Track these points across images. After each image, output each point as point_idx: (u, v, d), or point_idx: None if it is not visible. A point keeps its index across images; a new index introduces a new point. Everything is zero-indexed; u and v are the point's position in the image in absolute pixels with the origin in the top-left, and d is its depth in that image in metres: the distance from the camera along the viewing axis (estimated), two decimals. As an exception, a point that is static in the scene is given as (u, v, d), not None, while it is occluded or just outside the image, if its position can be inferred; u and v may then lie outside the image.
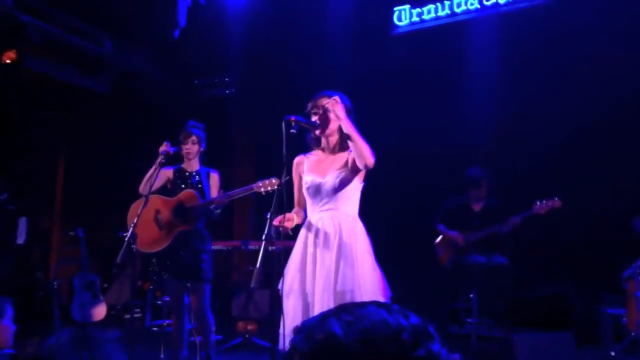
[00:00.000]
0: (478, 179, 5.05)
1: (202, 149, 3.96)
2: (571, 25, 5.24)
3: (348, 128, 2.65)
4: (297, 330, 0.89)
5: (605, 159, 5.07)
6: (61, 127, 6.90)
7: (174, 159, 3.91)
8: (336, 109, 2.67)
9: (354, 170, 2.74)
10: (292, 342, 0.88)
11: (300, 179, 2.88)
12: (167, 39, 5.92)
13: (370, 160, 2.64)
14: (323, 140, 2.86)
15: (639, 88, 4.91)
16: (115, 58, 6.28)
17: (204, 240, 3.83)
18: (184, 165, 3.95)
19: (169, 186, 3.92)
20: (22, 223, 6.36)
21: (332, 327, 0.83)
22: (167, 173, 3.90)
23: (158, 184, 3.82)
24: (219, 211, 3.85)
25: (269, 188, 3.47)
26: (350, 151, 2.75)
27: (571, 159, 5.19)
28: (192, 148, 3.89)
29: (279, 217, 2.60)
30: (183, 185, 3.85)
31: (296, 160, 2.94)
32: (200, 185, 3.87)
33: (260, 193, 3.52)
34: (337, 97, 2.71)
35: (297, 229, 2.84)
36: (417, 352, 0.82)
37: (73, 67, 6.15)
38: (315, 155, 2.90)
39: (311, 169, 2.85)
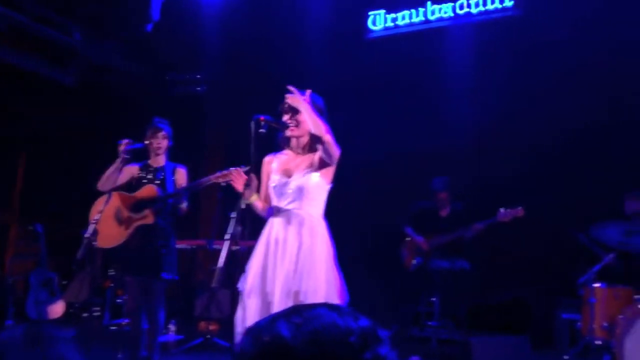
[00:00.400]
0: (437, 191, 5.17)
1: (169, 145, 3.91)
2: (542, 36, 5.41)
3: (309, 114, 2.66)
4: (246, 332, 0.88)
5: (567, 169, 5.23)
6: (24, 118, 6.69)
7: (141, 155, 3.85)
8: (294, 100, 2.67)
9: (321, 169, 2.75)
10: (240, 343, 0.87)
11: (269, 177, 2.88)
12: (139, 33, 5.83)
13: (334, 150, 2.65)
14: (293, 140, 2.86)
15: (608, 100, 5.10)
16: (85, 50, 6.13)
17: (165, 238, 3.74)
18: (150, 161, 3.89)
19: (134, 183, 3.84)
20: None
21: (280, 330, 0.83)
22: (132, 169, 3.83)
23: (122, 180, 3.77)
24: (184, 206, 3.77)
25: (228, 179, 3.44)
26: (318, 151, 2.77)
27: (535, 168, 5.33)
28: (162, 143, 3.84)
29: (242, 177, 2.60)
30: (146, 181, 3.79)
31: (266, 159, 2.94)
32: (162, 180, 3.79)
33: (219, 184, 3.49)
34: (294, 90, 2.70)
35: (260, 227, 2.83)
36: (364, 355, 0.82)
37: (40, 57, 5.98)
38: (286, 154, 2.90)
39: (279, 169, 2.84)
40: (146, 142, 3.80)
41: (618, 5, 5.15)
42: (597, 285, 3.98)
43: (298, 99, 2.67)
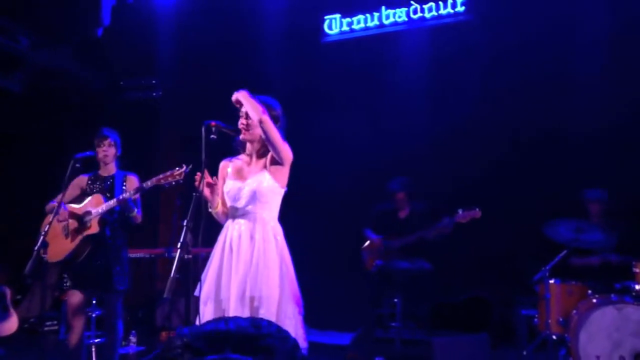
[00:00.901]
0: (393, 192, 5.22)
1: (118, 153, 3.81)
2: (493, 40, 5.54)
3: (247, 102, 2.67)
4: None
5: (523, 170, 5.36)
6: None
7: (91, 166, 3.74)
8: (239, 96, 2.69)
9: (273, 170, 2.73)
10: None
11: (224, 182, 2.83)
12: (90, 37, 5.68)
13: (283, 150, 2.67)
14: (248, 145, 2.83)
15: (559, 101, 5.25)
16: (33, 55, 5.92)
17: (116, 249, 3.65)
18: (100, 171, 3.78)
19: (85, 193, 3.71)
20: None
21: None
22: (82, 181, 3.73)
23: (73, 193, 3.69)
24: (135, 214, 3.67)
25: (170, 180, 3.38)
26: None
27: (492, 169, 5.44)
28: (108, 151, 3.74)
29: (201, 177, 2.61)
30: (95, 191, 3.69)
31: (221, 164, 2.90)
32: (111, 189, 3.70)
33: (162, 186, 3.43)
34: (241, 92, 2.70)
35: (218, 233, 2.79)
36: None
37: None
38: (240, 159, 2.87)
39: (233, 174, 2.81)
40: (95, 150, 3.69)
41: (565, 8, 5.31)
42: (551, 281, 4.08)
43: (239, 93, 2.67)
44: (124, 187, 3.71)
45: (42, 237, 3.29)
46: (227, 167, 2.87)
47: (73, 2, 5.61)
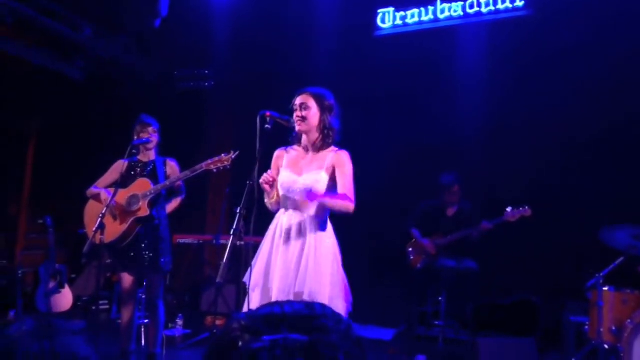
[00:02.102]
0: (450, 184, 5.12)
1: (159, 140, 3.92)
2: (552, 37, 5.35)
3: (325, 203, 2.67)
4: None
5: (578, 171, 5.17)
6: (32, 112, 6.73)
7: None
8: (311, 197, 2.66)
9: (330, 175, 2.75)
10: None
11: (278, 172, 2.86)
12: (147, 28, 5.84)
13: (350, 209, 2.69)
14: (303, 137, 2.85)
15: (620, 103, 5.03)
16: (92, 44, 6.15)
17: (160, 230, 3.76)
18: (139, 157, 3.89)
19: (124, 178, 3.81)
20: None
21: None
22: (121, 166, 3.83)
23: (113, 178, 3.82)
24: (179, 197, 3.77)
25: (219, 165, 3.46)
26: (332, 152, 2.77)
27: (545, 168, 5.28)
28: (153, 137, 3.85)
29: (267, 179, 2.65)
30: (137, 176, 3.79)
31: (276, 153, 2.93)
32: (153, 173, 3.80)
33: (211, 171, 3.50)
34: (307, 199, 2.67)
35: (268, 222, 2.83)
36: None
37: (47, 50, 6.01)
38: (296, 150, 2.88)
39: (289, 165, 2.83)
40: (146, 137, 3.81)
41: (632, 9, 5.06)
42: (605, 288, 3.93)
43: (315, 197, 2.65)
44: (165, 171, 3.83)
45: (99, 220, 3.44)
46: (282, 156, 2.89)
47: (133, -6, 5.79)
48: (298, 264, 2.62)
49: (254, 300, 2.68)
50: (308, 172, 2.75)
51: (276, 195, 2.85)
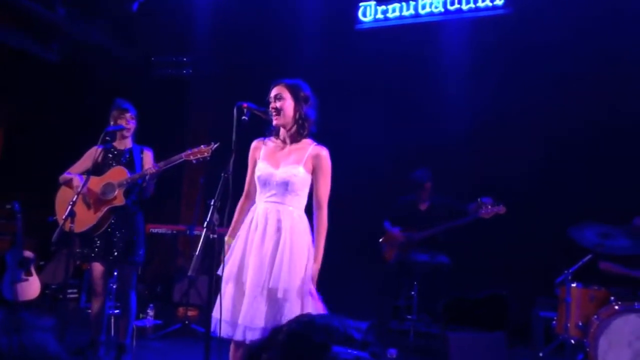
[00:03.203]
0: (421, 182, 5.17)
1: (136, 127, 3.84)
2: (532, 35, 5.42)
3: (317, 269, 2.69)
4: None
5: (552, 169, 5.26)
6: (3, 94, 6.54)
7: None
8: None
9: (307, 170, 2.73)
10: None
11: (255, 164, 2.83)
12: (125, 12, 5.71)
13: (325, 220, 2.74)
14: (281, 130, 2.82)
15: (598, 101, 5.12)
16: (68, 26, 5.99)
17: (134, 220, 3.69)
18: (115, 144, 3.79)
19: (98, 165, 3.69)
20: None
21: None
22: (95, 152, 3.70)
23: (86, 165, 3.71)
24: (151, 187, 3.71)
25: (199, 156, 3.42)
26: (311, 145, 2.75)
27: (518, 165, 5.36)
28: (130, 124, 3.77)
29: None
30: (112, 163, 3.70)
31: (253, 144, 2.89)
32: (129, 162, 3.72)
33: (190, 161, 3.46)
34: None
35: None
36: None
37: (21, 31, 5.83)
38: (273, 142, 2.84)
39: (265, 157, 2.80)
40: (123, 123, 3.72)
41: (610, 7, 5.15)
42: (573, 285, 4.02)
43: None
44: (142, 160, 3.75)
45: (69, 207, 3.35)
46: (259, 148, 2.85)
47: (111, -24, 5.65)
48: (272, 258, 2.60)
49: (227, 293, 2.66)
50: (285, 165, 2.73)
51: (247, 190, 2.87)
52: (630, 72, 4.96)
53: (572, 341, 3.99)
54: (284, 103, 2.73)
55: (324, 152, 2.75)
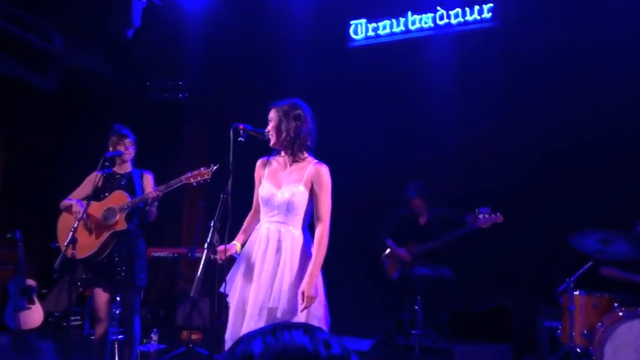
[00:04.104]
0: (410, 197, 5.20)
1: (135, 152, 3.87)
2: (520, 47, 5.49)
3: (315, 281, 2.64)
4: (231, 346, 0.90)
5: (549, 177, 5.29)
6: (2, 122, 6.58)
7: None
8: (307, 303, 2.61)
9: (307, 188, 2.76)
10: (219, 358, 0.90)
11: (260, 182, 2.87)
12: (120, 39, 5.78)
13: (326, 238, 2.72)
14: (281, 150, 2.86)
15: (588, 111, 5.17)
16: (65, 55, 6.06)
17: (136, 244, 3.70)
18: (115, 168, 3.82)
19: (98, 190, 3.71)
20: None
21: (253, 349, 0.85)
22: (95, 178, 3.72)
23: (87, 191, 3.73)
24: (154, 210, 3.72)
25: (199, 178, 3.43)
26: (311, 164, 2.78)
27: (516, 175, 5.39)
28: (130, 149, 3.80)
29: (220, 250, 2.61)
30: (113, 188, 3.72)
31: (258, 163, 2.93)
32: (129, 186, 3.74)
33: (190, 184, 3.48)
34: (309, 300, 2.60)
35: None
36: None
37: (18, 61, 5.89)
38: (277, 162, 2.88)
39: (269, 177, 2.84)
40: (122, 148, 3.75)
41: (596, 18, 5.24)
42: (576, 292, 4.02)
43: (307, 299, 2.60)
44: (142, 185, 3.77)
45: (71, 233, 3.37)
46: (263, 167, 2.89)
47: (105, 4, 5.73)
48: (272, 279, 2.62)
49: (231, 313, 2.68)
50: (286, 185, 2.76)
51: (253, 210, 2.88)
52: (624, 80, 5.01)
53: (578, 350, 3.97)
54: (273, 124, 2.78)
55: (324, 169, 2.78)
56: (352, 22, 6.22)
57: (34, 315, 5.43)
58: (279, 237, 2.68)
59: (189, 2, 6.05)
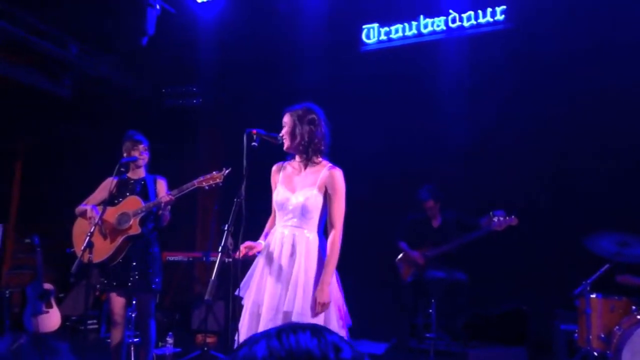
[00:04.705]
0: (422, 200, 5.19)
1: (149, 158, 3.92)
2: (534, 48, 5.46)
3: (329, 286, 2.65)
4: (235, 349, 0.88)
5: (564, 180, 5.25)
6: (20, 130, 6.71)
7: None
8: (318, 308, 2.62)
9: (321, 192, 2.77)
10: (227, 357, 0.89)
11: (276, 187, 2.90)
12: (134, 46, 5.85)
13: (338, 243, 2.73)
14: (296, 154, 2.88)
15: (602, 112, 5.12)
16: (80, 63, 6.16)
17: (151, 249, 3.74)
18: (129, 174, 3.88)
19: (113, 196, 3.77)
20: None
21: (256, 352, 0.82)
22: (110, 183, 3.79)
23: (102, 196, 3.80)
24: (167, 214, 3.77)
25: (211, 182, 3.46)
26: (326, 168, 2.79)
27: (531, 177, 5.35)
28: (144, 155, 3.85)
29: (246, 246, 2.62)
30: (127, 194, 3.78)
31: (273, 168, 2.96)
32: (143, 191, 3.79)
33: (203, 188, 3.50)
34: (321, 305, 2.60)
35: (256, 239, 2.84)
36: None
37: (36, 70, 6.01)
38: (292, 166, 2.90)
39: (283, 181, 2.86)
40: (137, 154, 3.80)
41: (612, 18, 5.19)
42: (593, 296, 3.98)
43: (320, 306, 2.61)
44: (156, 190, 3.82)
45: (87, 238, 3.43)
46: (278, 172, 2.91)
47: (120, 13, 5.81)
48: (287, 282, 2.63)
49: (245, 316, 2.70)
50: (301, 189, 2.78)
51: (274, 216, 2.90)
52: (630, 82, 4.96)
53: (595, 353, 3.93)
54: (287, 129, 2.80)
55: (338, 173, 2.79)
56: (364, 26, 6.23)
57: (52, 319, 5.51)
58: (293, 241, 2.70)
59: (202, 10, 6.11)
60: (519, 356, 4.00)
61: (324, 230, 2.82)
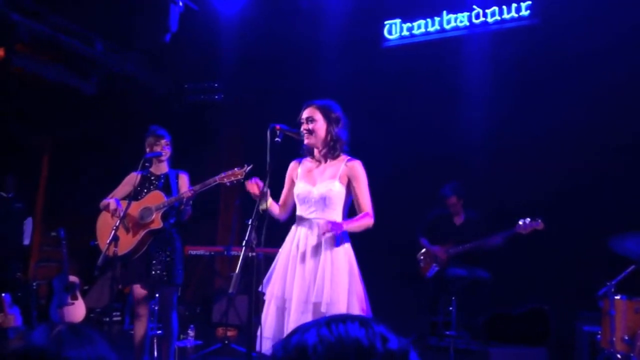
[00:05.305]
0: (445, 197, 5.15)
1: (171, 153, 3.97)
2: (559, 45, 5.37)
3: (343, 228, 2.70)
4: (286, 336, 0.90)
5: (588, 180, 5.16)
6: (47, 125, 6.86)
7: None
8: (324, 234, 2.68)
9: (343, 183, 2.79)
10: (273, 347, 0.90)
11: (292, 183, 2.94)
12: (158, 43, 5.93)
13: (370, 224, 2.79)
14: (315, 150, 2.90)
15: (627, 111, 5.02)
16: (105, 60, 6.27)
17: (173, 243, 3.79)
18: (152, 169, 3.93)
19: (136, 190, 3.83)
20: (29, 223, 6.33)
21: (306, 341, 0.84)
22: (133, 178, 3.85)
23: (125, 191, 3.86)
24: (189, 209, 3.81)
25: (233, 178, 3.47)
26: (344, 161, 2.82)
27: (554, 176, 5.27)
28: (166, 150, 3.90)
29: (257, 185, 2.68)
30: (151, 188, 3.83)
31: (291, 165, 3.00)
32: (166, 186, 3.84)
33: (224, 184, 3.53)
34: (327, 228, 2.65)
35: (279, 233, 2.87)
36: None
37: (62, 67, 6.13)
38: (309, 162, 2.94)
39: (303, 176, 2.90)
40: (161, 150, 3.85)
41: (636, 12, 5.07)
42: (617, 297, 3.91)
43: (326, 234, 2.66)
44: (178, 185, 3.87)
45: (113, 232, 3.49)
46: (296, 168, 2.95)
47: (144, 10, 5.89)
48: (314, 274, 2.66)
49: (269, 310, 2.72)
50: (321, 182, 2.80)
51: (283, 205, 2.94)
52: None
53: (619, 355, 3.86)
54: (315, 125, 2.82)
55: (357, 164, 2.83)
56: (386, 22, 6.20)
57: (77, 311, 5.63)
58: (318, 234, 2.72)
59: (224, 7, 6.16)
60: (540, 356, 3.96)
61: None
